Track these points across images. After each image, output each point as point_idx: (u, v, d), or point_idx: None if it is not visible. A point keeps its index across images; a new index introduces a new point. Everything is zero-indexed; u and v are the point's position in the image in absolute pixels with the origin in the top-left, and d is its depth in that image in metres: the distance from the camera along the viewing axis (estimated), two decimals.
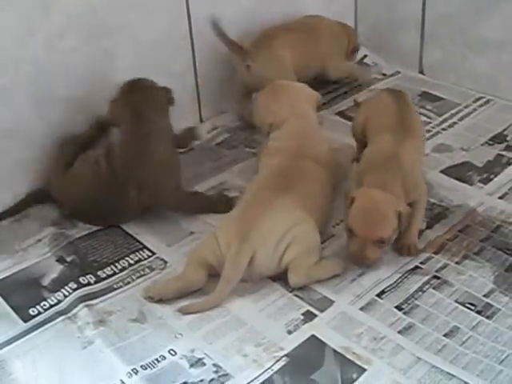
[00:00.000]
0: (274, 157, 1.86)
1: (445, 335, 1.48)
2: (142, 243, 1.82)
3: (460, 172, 2.04)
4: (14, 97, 1.86)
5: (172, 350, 1.48)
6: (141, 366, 1.44)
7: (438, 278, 1.64)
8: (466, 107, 2.39)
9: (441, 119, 2.33)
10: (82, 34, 1.94)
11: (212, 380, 1.41)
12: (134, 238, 1.84)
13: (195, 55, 2.25)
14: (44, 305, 1.62)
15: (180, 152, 2.14)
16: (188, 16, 2.18)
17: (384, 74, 2.66)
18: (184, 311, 1.57)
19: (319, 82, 2.47)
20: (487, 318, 1.52)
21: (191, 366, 1.44)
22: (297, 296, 1.61)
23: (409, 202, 1.70)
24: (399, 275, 1.65)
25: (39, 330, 1.56)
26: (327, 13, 2.50)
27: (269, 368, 1.42)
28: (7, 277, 1.73)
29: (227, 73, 2.29)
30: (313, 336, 1.49)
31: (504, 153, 2.12)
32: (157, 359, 1.46)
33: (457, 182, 2.00)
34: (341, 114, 2.41)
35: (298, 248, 1.60)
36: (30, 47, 1.85)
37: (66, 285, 1.67)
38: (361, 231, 1.61)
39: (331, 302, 1.58)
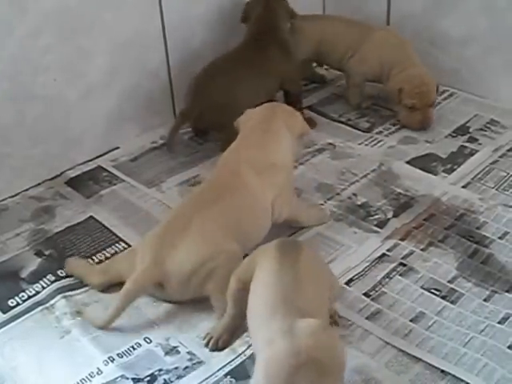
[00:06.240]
0: (216, 168, 1.76)
1: (411, 320, 1.52)
2: (118, 236, 1.83)
3: (425, 163, 2.08)
4: None
5: (147, 338, 1.51)
6: (117, 354, 1.47)
7: (405, 265, 1.68)
8: None
9: None
10: (58, 32, 1.95)
11: (186, 368, 1.44)
12: (111, 231, 1.85)
13: (168, 52, 2.26)
14: (22, 296, 1.64)
15: (155, 147, 2.22)
16: (161, 14, 2.19)
17: None
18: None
19: None
20: (451, 303, 1.56)
21: (166, 353, 1.47)
22: None
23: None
24: (367, 264, 1.68)
25: (18, 320, 1.57)
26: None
27: (242, 353, 1.45)
28: None
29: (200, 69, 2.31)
30: None
31: (467, 144, 2.17)
32: (132, 347, 1.49)
33: (422, 172, 2.04)
34: (311, 108, 2.42)
35: (216, 283, 1.52)
36: (7, 46, 1.87)
37: (45, 277, 1.69)
38: None
39: None
